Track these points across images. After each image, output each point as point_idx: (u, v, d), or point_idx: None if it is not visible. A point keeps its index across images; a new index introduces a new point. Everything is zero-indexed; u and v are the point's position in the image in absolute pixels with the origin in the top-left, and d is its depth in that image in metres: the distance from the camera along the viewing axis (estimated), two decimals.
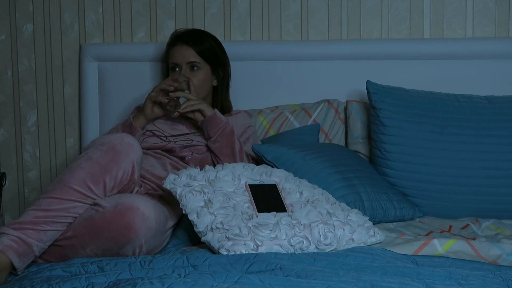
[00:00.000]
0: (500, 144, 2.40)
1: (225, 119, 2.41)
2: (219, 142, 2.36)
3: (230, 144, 2.36)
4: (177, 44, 2.56)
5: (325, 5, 2.79)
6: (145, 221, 1.88)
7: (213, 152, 2.38)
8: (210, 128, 2.38)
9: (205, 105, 2.40)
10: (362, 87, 2.59)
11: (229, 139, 2.37)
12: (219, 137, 2.37)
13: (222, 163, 2.20)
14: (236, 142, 2.37)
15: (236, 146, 2.37)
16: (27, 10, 2.89)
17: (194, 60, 2.54)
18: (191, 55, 2.54)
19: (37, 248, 1.85)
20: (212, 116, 2.39)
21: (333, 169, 2.29)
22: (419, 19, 2.77)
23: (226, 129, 2.37)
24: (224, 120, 2.40)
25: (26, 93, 2.92)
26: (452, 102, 2.49)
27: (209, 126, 2.38)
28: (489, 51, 2.69)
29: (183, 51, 2.54)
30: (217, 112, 2.40)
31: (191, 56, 2.54)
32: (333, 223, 1.90)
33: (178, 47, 2.56)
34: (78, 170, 1.95)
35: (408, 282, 1.55)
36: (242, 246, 1.80)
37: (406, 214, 2.35)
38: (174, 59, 2.55)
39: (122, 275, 1.62)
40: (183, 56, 2.54)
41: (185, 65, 2.54)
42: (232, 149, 2.35)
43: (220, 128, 2.37)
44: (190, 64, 2.54)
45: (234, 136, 2.38)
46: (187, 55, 2.54)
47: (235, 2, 2.82)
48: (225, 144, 2.36)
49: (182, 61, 2.54)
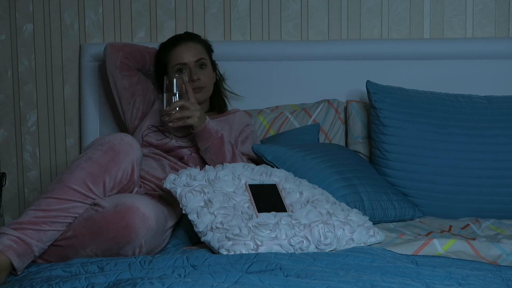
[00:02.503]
0: (500, 144, 2.40)
1: (215, 129, 2.32)
2: (209, 153, 2.33)
3: (220, 155, 2.32)
4: (180, 44, 2.49)
5: (325, 5, 2.79)
6: (145, 221, 1.88)
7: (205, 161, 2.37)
8: (199, 140, 2.32)
9: (196, 119, 2.27)
10: (362, 87, 2.59)
11: (219, 150, 2.32)
12: (208, 149, 2.33)
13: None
14: (226, 152, 2.32)
15: (227, 156, 2.32)
16: (27, 10, 2.89)
17: (202, 56, 2.49)
18: (199, 52, 2.49)
19: (37, 248, 1.85)
20: (201, 131, 2.30)
21: (333, 169, 2.29)
22: (419, 19, 2.77)
23: (214, 141, 2.32)
24: (213, 132, 2.31)
25: (26, 93, 2.92)
26: (452, 102, 2.49)
27: (198, 138, 2.33)
28: (489, 51, 2.69)
29: (190, 49, 2.48)
30: (208, 124, 2.30)
31: (200, 53, 2.49)
32: (333, 223, 1.90)
33: (182, 47, 2.49)
34: (77, 170, 1.95)
35: (408, 282, 1.55)
36: (242, 246, 1.80)
37: (406, 214, 2.35)
38: (181, 59, 2.46)
39: (122, 275, 1.62)
40: (191, 54, 2.47)
41: (194, 63, 2.47)
42: (222, 160, 2.31)
43: (209, 141, 2.31)
44: (199, 61, 2.48)
45: (224, 146, 2.32)
46: (195, 52, 2.48)
47: (235, 2, 2.82)
48: (215, 156, 2.32)
49: (191, 59, 2.46)
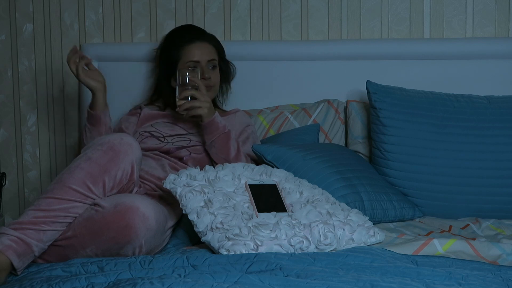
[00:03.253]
0: (500, 144, 2.40)
1: (223, 124, 2.37)
2: (214, 147, 2.35)
3: (225, 150, 2.34)
4: (194, 42, 2.53)
5: (325, 5, 2.79)
6: (145, 221, 1.88)
7: (210, 156, 2.38)
8: (206, 134, 2.36)
9: (205, 110, 2.33)
10: (362, 87, 2.59)
11: (224, 145, 2.34)
12: (214, 143, 2.35)
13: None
14: (231, 148, 2.34)
15: (232, 152, 2.34)
16: (27, 10, 2.89)
17: (214, 57, 2.54)
18: (211, 53, 2.54)
19: (36, 248, 1.85)
20: (209, 123, 2.34)
21: (333, 169, 2.29)
22: (419, 19, 2.77)
23: (221, 135, 2.35)
24: (221, 127, 2.35)
25: (26, 93, 2.92)
26: (452, 102, 2.49)
27: (205, 131, 2.36)
28: (489, 51, 2.69)
29: (204, 48, 2.52)
30: (216, 118, 2.35)
31: (212, 54, 2.53)
32: (333, 223, 1.90)
33: (197, 45, 2.52)
34: (77, 170, 1.95)
35: (408, 282, 1.55)
36: (242, 246, 1.80)
37: (406, 214, 2.35)
38: (194, 57, 2.50)
39: (122, 275, 1.62)
40: (205, 53, 2.51)
41: (206, 63, 2.51)
42: (226, 155, 2.33)
43: (215, 135, 2.34)
44: (211, 62, 2.52)
45: (229, 141, 2.35)
46: (208, 53, 2.52)
47: (235, 2, 2.82)
48: (220, 150, 2.34)
49: (204, 58, 2.50)
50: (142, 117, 2.55)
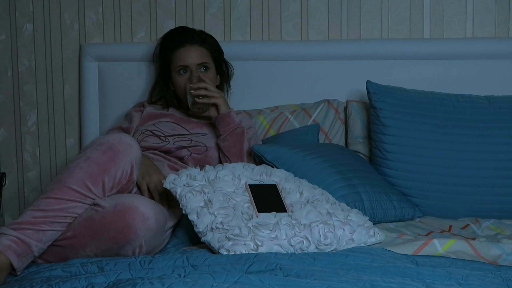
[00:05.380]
0: (500, 144, 2.40)
1: (239, 119, 2.40)
2: (228, 141, 2.37)
3: (239, 144, 2.36)
4: (184, 46, 2.51)
5: (325, 5, 2.79)
6: (144, 221, 1.88)
7: (222, 150, 2.38)
8: (222, 126, 2.38)
9: (222, 100, 2.40)
10: (362, 87, 2.59)
11: (239, 139, 2.37)
12: (228, 136, 2.36)
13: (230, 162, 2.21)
14: (245, 143, 2.37)
15: (245, 147, 2.37)
16: (27, 10, 2.89)
17: (205, 60, 2.51)
18: (202, 56, 2.51)
19: (36, 248, 1.85)
20: (226, 114, 2.38)
21: (333, 169, 2.29)
22: (419, 19, 2.77)
23: (237, 129, 2.37)
24: (237, 121, 2.39)
25: (26, 93, 2.92)
26: (452, 102, 2.49)
27: (221, 123, 2.38)
28: (489, 51, 2.69)
29: (193, 51, 2.50)
30: (232, 111, 2.40)
31: (202, 57, 2.51)
32: (333, 223, 1.90)
33: (186, 49, 2.51)
34: (76, 170, 1.95)
35: (408, 282, 1.55)
36: (242, 246, 1.80)
37: (406, 214, 2.35)
38: (183, 62, 2.49)
39: (122, 275, 1.62)
40: (194, 57, 2.49)
41: (196, 66, 2.49)
42: (240, 150, 2.35)
43: (231, 128, 2.37)
44: (201, 65, 2.50)
45: (244, 137, 2.38)
46: (198, 56, 2.50)
47: (235, 2, 2.81)
48: (233, 143, 2.36)
49: (193, 62, 2.49)
50: (145, 115, 2.55)
